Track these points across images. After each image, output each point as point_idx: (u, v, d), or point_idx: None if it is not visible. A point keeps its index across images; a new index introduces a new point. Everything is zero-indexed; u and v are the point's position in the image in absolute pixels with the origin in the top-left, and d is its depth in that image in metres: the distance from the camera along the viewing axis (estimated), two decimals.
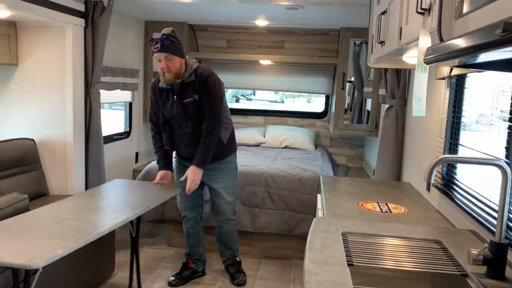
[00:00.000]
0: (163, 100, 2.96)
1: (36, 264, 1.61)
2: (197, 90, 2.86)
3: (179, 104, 2.89)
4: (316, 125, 5.67)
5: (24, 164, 3.20)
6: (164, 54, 2.73)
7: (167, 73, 2.79)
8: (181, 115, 2.93)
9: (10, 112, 3.38)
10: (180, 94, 2.89)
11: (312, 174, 3.82)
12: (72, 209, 2.48)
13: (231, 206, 3.20)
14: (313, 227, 1.78)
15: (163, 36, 2.71)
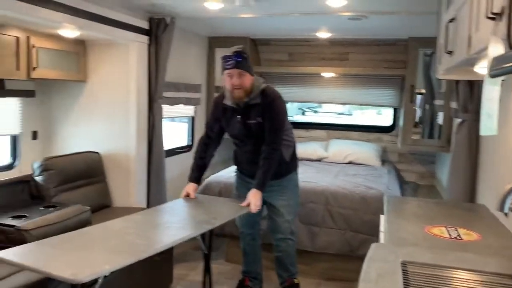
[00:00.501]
0: (226, 118, 2.93)
1: (78, 278, 1.61)
2: (261, 112, 2.81)
3: (242, 124, 2.86)
4: (383, 140, 5.41)
5: (89, 177, 3.33)
6: (237, 70, 2.70)
7: (237, 90, 2.74)
8: (244, 135, 2.90)
9: (79, 126, 3.55)
10: (245, 115, 2.84)
11: (377, 192, 3.61)
12: (136, 224, 2.44)
13: (288, 225, 3.08)
14: (370, 255, 1.63)
15: (236, 53, 2.70)
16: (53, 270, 1.68)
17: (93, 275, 1.66)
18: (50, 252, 1.90)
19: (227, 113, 2.91)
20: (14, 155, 3.30)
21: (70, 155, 3.26)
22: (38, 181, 2.98)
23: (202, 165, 3.07)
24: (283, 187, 3.04)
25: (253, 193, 2.82)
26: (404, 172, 5.17)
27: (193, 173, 3.05)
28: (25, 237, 2.36)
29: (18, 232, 2.36)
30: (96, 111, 3.50)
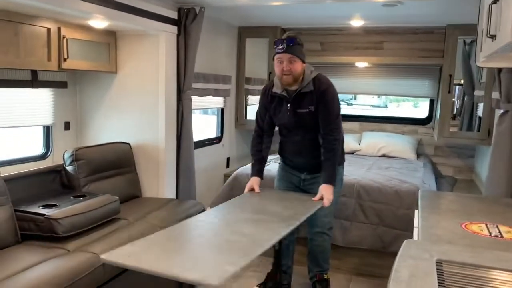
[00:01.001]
0: (274, 106, 2.86)
1: (211, 280, 1.51)
2: (314, 101, 2.72)
3: (292, 113, 2.78)
4: (419, 132, 5.21)
5: (120, 167, 3.35)
6: (288, 55, 2.61)
7: (286, 76, 2.65)
8: (293, 124, 2.82)
9: (110, 117, 3.57)
10: (295, 103, 2.75)
11: (411, 186, 3.47)
12: (223, 220, 2.34)
13: (327, 219, 2.98)
14: (401, 252, 1.54)
15: (289, 38, 2.63)
16: (182, 273, 1.58)
17: (222, 277, 1.54)
18: (160, 252, 1.80)
19: (274, 101, 2.84)
20: (47, 145, 3.36)
21: (100, 145, 3.28)
22: (69, 170, 3.01)
23: (260, 158, 2.99)
24: None
25: (324, 188, 2.74)
26: (441, 166, 4.97)
27: (254, 167, 2.97)
28: (54, 226, 2.39)
29: (48, 221, 2.38)
30: (126, 102, 3.51)
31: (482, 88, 4.19)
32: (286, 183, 3.04)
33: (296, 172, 2.95)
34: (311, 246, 3.07)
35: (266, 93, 2.89)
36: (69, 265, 2.15)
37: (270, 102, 2.86)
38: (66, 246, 2.38)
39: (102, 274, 2.25)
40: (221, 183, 4.68)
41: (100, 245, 2.42)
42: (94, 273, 2.20)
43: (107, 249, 2.33)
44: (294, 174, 2.95)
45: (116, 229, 2.67)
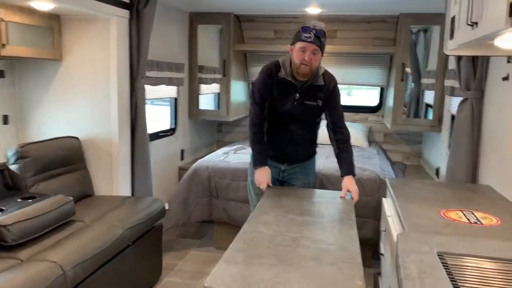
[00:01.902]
0: (280, 92, 2.70)
1: None
2: (322, 96, 2.68)
3: (300, 104, 2.67)
4: (369, 120, 5.31)
5: (69, 164, 3.07)
6: (314, 46, 2.49)
7: (304, 66, 2.53)
8: (297, 115, 2.72)
9: (54, 109, 3.25)
10: (304, 94, 2.67)
11: (371, 174, 3.50)
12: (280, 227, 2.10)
13: None
14: (401, 246, 1.49)
15: (320, 29, 2.49)
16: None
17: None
18: (265, 271, 1.61)
19: (282, 87, 2.68)
20: None
21: (47, 140, 2.97)
22: (13, 170, 2.69)
23: (265, 145, 2.79)
24: (306, 169, 2.92)
25: (348, 180, 2.70)
26: (390, 153, 5.10)
27: (261, 156, 2.76)
28: (2, 233, 2.12)
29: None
30: (73, 92, 3.21)
31: (430, 76, 4.32)
32: None
33: (275, 163, 2.85)
34: None
35: (272, 76, 2.68)
36: (24, 277, 1.90)
37: (278, 87, 2.69)
38: (17, 255, 2.12)
39: (64, 284, 2.03)
40: (176, 177, 4.49)
41: (57, 251, 2.18)
42: (55, 283, 1.97)
43: (66, 256, 2.14)
44: (272, 165, 2.84)
45: (73, 233, 2.43)
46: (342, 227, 2.13)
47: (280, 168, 2.88)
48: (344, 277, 1.57)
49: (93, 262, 2.28)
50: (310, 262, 1.71)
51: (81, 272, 2.17)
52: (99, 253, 2.33)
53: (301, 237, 1.99)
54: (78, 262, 2.15)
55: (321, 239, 1.96)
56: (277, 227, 2.11)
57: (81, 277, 2.18)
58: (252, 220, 2.20)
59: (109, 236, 2.47)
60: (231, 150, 4.34)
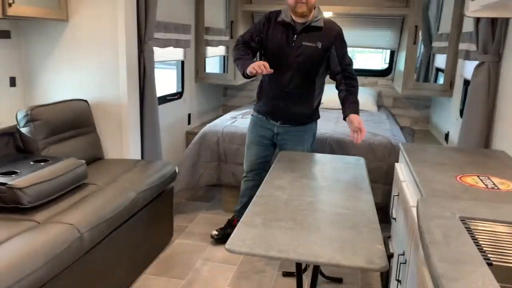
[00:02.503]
0: (276, 33, 2.71)
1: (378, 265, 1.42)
2: (322, 38, 2.67)
3: (297, 45, 2.68)
4: (378, 84, 5.24)
5: (78, 127, 3.04)
6: None
7: (301, 4, 2.55)
8: (294, 57, 2.70)
9: (61, 71, 3.20)
10: (302, 35, 2.67)
11: (382, 139, 3.48)
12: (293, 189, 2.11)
13: None
14: (422, 210, 1.49)
15: None
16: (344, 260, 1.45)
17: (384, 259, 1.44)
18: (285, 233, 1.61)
19: (279, 29, 2.70)
20: None
21: (56, 103, 2.93)
22: (24, 132, 2.67)
23: (251, 57, 2.75)
24: (302, 135, 2.90)
25: (356, 118, 2.75)
26: (399, 117, 5.07)
27: (250, 60, 2.66)
28: (19, 196, 2.11)
29: (10, 191, 2.10)
30: (80, 54, 3.14)
31: (442, 40, 4.22)
32: (258, 137, 2.99)
33: (269, 124, 2.87)
34: None
35: (269, 19, 2.75)
36: (43, 239, 1.91)
37: (275, 28, 2.71)
38: (34, 217, 2.13)
39: (80, 246, 2.04)
40: (183, 141, 4.48)
41: (73, 214, 2.19)
42: (73, 245, 1.98)
43: (82, 218, 2.15)
44: (267, 126, 2.88)
45: (87, 196, 2.43)
46: (357, 192, 2.13)
47: (273, 130, 2.88)
48: (365, 241, 1.57)
49: (108, 225, 2.29)
50: (328, 226, 1.72)
51: (97, 235, 2.19)
52: (114, 216, 2.34)
53: (317, 201, 1.99)
54: (94, 225, 2.16)
55: (338, 204, 1.97)
56: (292, 191, 2.11)
57: (97, 239, 2.20)
58: (267, 184, 2.19)
59: (123, 199, 2.48)
60: (239, 115, 4.31)
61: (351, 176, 2.44)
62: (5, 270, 1.65)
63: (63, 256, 1.92)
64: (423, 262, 1.35)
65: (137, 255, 2.71)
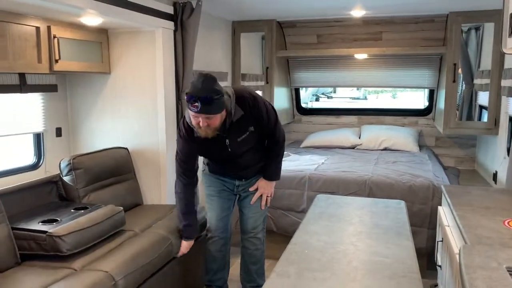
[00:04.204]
0: (209, 145, 2.46)
1: None
2: (250, 121, 2.44)
3: (233, 144, 2.47)
4: (419, 124, 5.12)
5: (119, 174, 3.13)
6: (204, 115, 2.22)
7: (206, 129, 2.29)
8: (238, 153, 2.55)
9: (103, 120, 3.34)
10: (233, 134, 2.44)
11: (424, 181, 3.35)
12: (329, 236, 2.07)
13: (259, 223, 2.77)
14: (465, 261, 1.39)
15: (204, 96, 2.15)
16: None
17: None
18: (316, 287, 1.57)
19: (208, 142, 2.41)
20: (39, 154, 3.12)
21: (98, 152, 3.05)
22: (66, 181, 2.78)
23: (195, 216, 2.68)
24: None
25: (264, 182, 2.68)
26: (442, 157, 4.88)
27: (191, 228, 2.66)
28: (58, 244, 2.16)
29: (50, 239, 2.16)
30: (122, 104, 3.28)
31: (484, 77, 4.10)
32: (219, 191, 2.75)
33: (229, 179, 2.71)
34: (243, 256, 2.84)
35: (189, 138, 2.44)
36: (79, 286, 1.94)
37: (201, 144, 2.45)
38: (72, 265, 2.17)
39: None
40: None
41: (109, 261, 2.21)
42: None
43: (117, 266, 2.16)
44: (226, 180, 2.72)
45: (123, 242, 2.47)
46: (397, 238, 2.04)
47: (234, 183, 2.72)
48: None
49: (142, 272, 2.29)
50: (365, 276, 1.64)
51: (131, 282, 2.19)
52: (149, 263, 2.34)
53: (355, 249, 1.92)
54: (128, 272, 2.17)
55: (376, 251, 1.88)
56: (328, 238, 2.05)
57: (131, 287, 2.20)
58: (302, 231, 2.14)
59: (158, 246, 2.49)
60: None
61: (391, 221, 2.34)
62: None
63: None
64: None
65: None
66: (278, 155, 2.69)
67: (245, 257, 2.81)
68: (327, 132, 5.13)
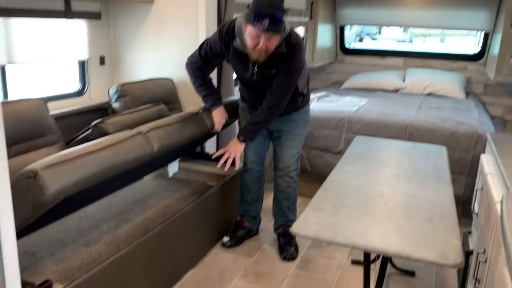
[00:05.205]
0: (235, 58, 2.44)
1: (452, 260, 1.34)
2: (279, 63, 2.36)
3: (259, 75, 2.42)
4: (468, 69, 4.87)
5: (165, 104, 3.14)
6: (269, 34, 2.14)
7: (259, 51, 2.22)
8: (259, 84, 2.48)
9: (146, 51, 3.35)
10: (263, 66, 2.36)
11: (468, 128, 3.24)
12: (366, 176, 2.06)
13: (292, 162, 2.74)
14: (507, 207, 1.36)
15: (273, 13, 2.06)
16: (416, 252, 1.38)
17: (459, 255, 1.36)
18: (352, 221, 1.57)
19: (237, 54, 2.40)
20: (83, 81, 3.19)
21: (144, 81, 3.07)
22: (115, 107, 2.84)
23: (211, 84, 2.65)
24: (295, 121, 2.70)
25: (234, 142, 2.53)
26: (489, 106, 4.68)
27: (211, 96, 2.60)
28: (103, 127, 2.18)
29: (96, 128, 2.17)
30: (164, 34, 3.26)
31: None
32: None
33: None
34: (276, 192, 2.86)
35: (226, 43, 2.40)
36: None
37: (232, 55, 2.43)
38: None
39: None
40: None
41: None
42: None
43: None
44: None
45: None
46: (436, 183, 2.01)
47: None
48: (440, 234, 1.48)
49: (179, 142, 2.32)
50: (401, 217, 1.64)
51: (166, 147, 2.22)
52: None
53: (391, 190, 1.91)
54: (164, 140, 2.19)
55: (413, 194, 1.87)
56: (365, 178, 2.05)
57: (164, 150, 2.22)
58: (339, 170, 2.15)
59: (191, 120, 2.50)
60: (315, 98, 4.24)
61: (430, 165, 2.30)
62: None
63: None
64: (505, 263, 1.24)
65: (211, 228, 2.81)
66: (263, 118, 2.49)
67: (277, 193, 2.87)
68: (370, 74, 4.98)
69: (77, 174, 1.66)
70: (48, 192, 1.54)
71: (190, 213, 2.51)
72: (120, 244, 2.06)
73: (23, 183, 1.53)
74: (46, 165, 1.57)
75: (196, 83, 2.62)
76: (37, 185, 1.52)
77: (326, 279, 2.58)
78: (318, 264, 2.74)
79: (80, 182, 1.67)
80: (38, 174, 1.52)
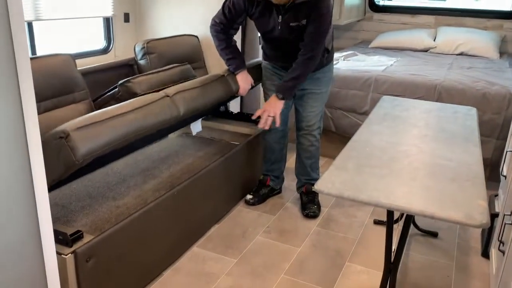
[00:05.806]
0: (259, 12, 2.43)
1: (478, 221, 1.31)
2: (307, 13, 2.33)
3: (283, 26, 2.40)
4: (504, 28, 4.65)
5: (190, 62, 3.14)
6: None
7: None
8: (284, 38, 2.46)
9: (171, 7, 3.31)
10: (288, 16, 2.36)
11: (501, 89, 3.13)
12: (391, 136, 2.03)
13: (315, 121, 2.73)
14: None
15: None
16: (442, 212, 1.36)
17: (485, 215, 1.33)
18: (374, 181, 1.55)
19: (260, 7, 2.40)
20: (108, 38, 3.20)
21: (170, 37, 3.06)
22: (141, 64, 2.85)
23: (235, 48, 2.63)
24: (319, 78, 2.66)
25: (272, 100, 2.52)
26: None
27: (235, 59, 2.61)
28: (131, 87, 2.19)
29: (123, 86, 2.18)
30: None
31: None
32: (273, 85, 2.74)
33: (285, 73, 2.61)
34: (298, 151, 2.86)
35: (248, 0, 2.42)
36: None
37: (255, 8, 2.42)
38: None
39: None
40: None
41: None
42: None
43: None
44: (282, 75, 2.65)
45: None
46: (464, 144, 1.97)
47: None
48: (466, 195, 1.46)
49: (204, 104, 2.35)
50: (427, 176, 1.62)
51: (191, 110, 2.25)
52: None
53: (418, 151, 1.88)
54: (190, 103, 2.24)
55: (440, 154, 1.84)
56: (390, 138, 2.02)
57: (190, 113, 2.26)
58: (364, 130, 2.12)
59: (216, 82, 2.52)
60: (341, 57, 4.15)
61: (459, 126, 2.24)
62: None
63: None
64: None
65: (235, 185, 2.86)
66: (300, 72, 2.48)
67: (300, 152, 2.87)
68: (399, 32, 4.81)
69: (107, 136, 1.70)
70: (79, 153, 1.58)
71: (214, 171, 2.55)
72: (148, 199, 2.13)
73: (55, 143, 1.57)
74: (77, 126, 1.60)
75: (220, 46, 2.60)
76: (68, 146, 1.56)
77: (348, 237, 2.61)
78: (340, 223, 2.77)
79: (109, 144, 1.71)
80: (69, 135, 1.56)
